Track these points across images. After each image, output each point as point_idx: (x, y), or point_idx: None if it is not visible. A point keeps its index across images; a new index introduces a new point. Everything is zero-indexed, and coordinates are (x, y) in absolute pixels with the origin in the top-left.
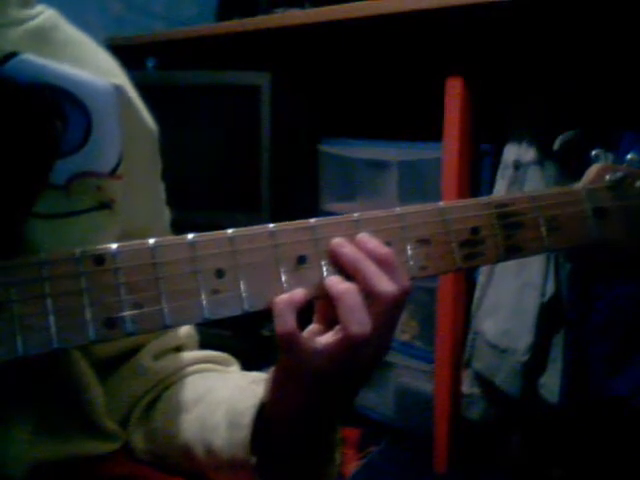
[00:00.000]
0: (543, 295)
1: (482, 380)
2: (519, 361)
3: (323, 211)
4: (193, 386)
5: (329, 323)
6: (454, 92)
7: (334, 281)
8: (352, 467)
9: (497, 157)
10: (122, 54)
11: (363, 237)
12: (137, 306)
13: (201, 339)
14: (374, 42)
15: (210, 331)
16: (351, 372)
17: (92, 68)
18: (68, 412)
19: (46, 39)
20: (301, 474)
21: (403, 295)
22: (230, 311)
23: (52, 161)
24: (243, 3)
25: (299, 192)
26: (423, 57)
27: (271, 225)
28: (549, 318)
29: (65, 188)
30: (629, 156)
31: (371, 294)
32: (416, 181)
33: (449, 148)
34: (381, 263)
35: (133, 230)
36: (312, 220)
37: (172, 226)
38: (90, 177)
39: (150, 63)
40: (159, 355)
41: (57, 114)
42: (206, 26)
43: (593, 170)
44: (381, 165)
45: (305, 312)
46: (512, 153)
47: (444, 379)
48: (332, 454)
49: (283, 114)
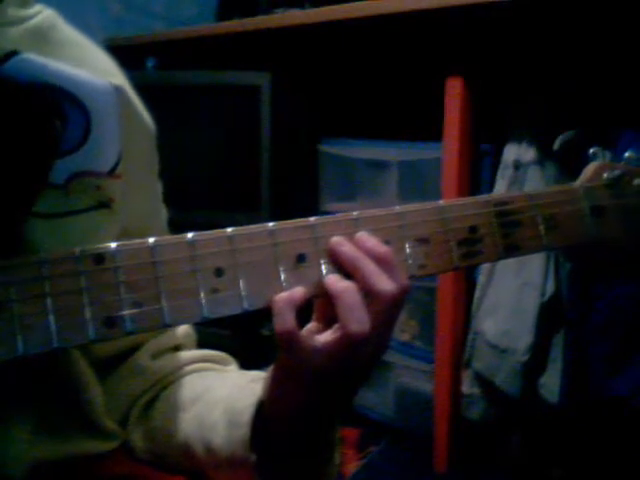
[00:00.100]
0: (543, 295)
1: (482, 380)
2: (519, 361)
3: (323, 211)
4: (191, 385)
5: (328, 322)
6: (454, 92)
7: (333, 279)
8: (352, 467)
9: (497, 157)
10: (122, 54)
11: (362, 236)
12: (137, 305)
13: (200, 339)
14: (374, 42)
15: (209, 330)
16: (350, 370)
17: (91, 68)
18: (67, 411)
19: (45, 39)
20: (300, 473)
21: (402, 294)
22: (229, 310)
23: (52, 160)
24: (243, 3)
25: (299, 192)
26: (423, 57)
27: (270, 224)
28: (549, 318)
29: (64, 187)
30: (627, 154)
31: (370, 293)
32: (416, 181)
33: (449, 148)
34: (380, 262)
35: (131, 229)
36: (311, 219)
37: (172, 226)
38: (89, 176)
39: (150, 63)
40: (157, 354)
41: (57, 114)
42: (206, 26)
43: (590, 168)
44: (381, 165)
45: (304, 311)
46: (512, 153)
47: (444, 379)
48: (331, 453)
49: (283, 114)
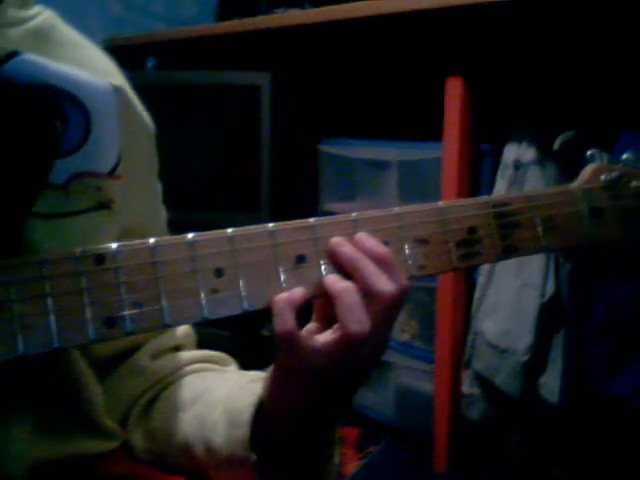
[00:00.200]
0: (543, 295)
1: (482, 380)
2: (519, 361)
3: (323, 211)
4: (191, 385)
5: (328, 322)
6: (454, 92)
7: (333, 280)
8: (352, 467)
9: (497, 157)
10: (122, 54)
11: (362, 236)
12: (137, 305)
13: (199, 339)
14: (374, 42)
15: (208, 331)
16: (350, 370)
17: (90, 68)
18: (67, 411)
19: (45, 39)
20: (300, 472)
21: (401, 294)
22: (229, 310)
23: (52, 161)
24: (243, 3)
25: (299, 192)
26: (423, 57)
27: (270, 224)
28: (549, 318)
29: (64, 188)
30: (624, 156)
31: (370, 293)
32: (416, 181)
33: (449, 148)
34: (379, 262)
35: (131, 229)
36: (311, 220)
37: (172, 226)
38: (89, 177)
39: (150, 63)
40: (157, 355)
41: (57, 114)
42: (206, 26)
43: (588, 170)
44: (381, 165)
45: (304, 311)
46: (512, 153)
47: (444, 379)
48: (331, 452)
49: (283, 114)
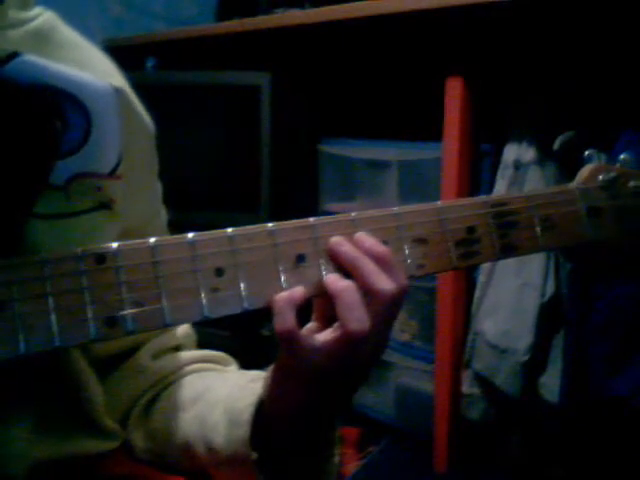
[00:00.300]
0: (543, 295)
1: (482, 380)
2: (519, 361)
3: (323, 211)
4: (192, 385)
5: (328, 321)
6: (454, 92)
7: (333, 279)
8: (352, 467)
9: (497, 157)
10: (122, 54)
11: (361, 236)
12: (137, 304)
13: (200, 339)
14: (374, 42)
15: (208, 331)
16: (350, 369)
17: (91, 69)
18: (68, 411)
19: (45, 41)
20: (301, 471)
21: (401, 293)
22: (230, 309)
23: (52, 161)
24: (243, 3)
25: (299, 192)
26: (423, 57)
27: (270, 224)
28: (549, 318)
29: (65, 189)
30: (622, 156)
31: (369, 292)
32: (416, 181)
33: (449, 148)
34: (379, 261)
35: (131, 229)
36: (311, 219)
37: (172, 226)
38: (90, 177)
39: (150, 63)
40: (158, 354)
41: (57, 115)
42: (206, 26)
43: (586, 170)
44: (381, 165)
45: (304, 310)
46: (512, 153)
47: (444, 379)
48: (332, 451)
49: (283, 114)
